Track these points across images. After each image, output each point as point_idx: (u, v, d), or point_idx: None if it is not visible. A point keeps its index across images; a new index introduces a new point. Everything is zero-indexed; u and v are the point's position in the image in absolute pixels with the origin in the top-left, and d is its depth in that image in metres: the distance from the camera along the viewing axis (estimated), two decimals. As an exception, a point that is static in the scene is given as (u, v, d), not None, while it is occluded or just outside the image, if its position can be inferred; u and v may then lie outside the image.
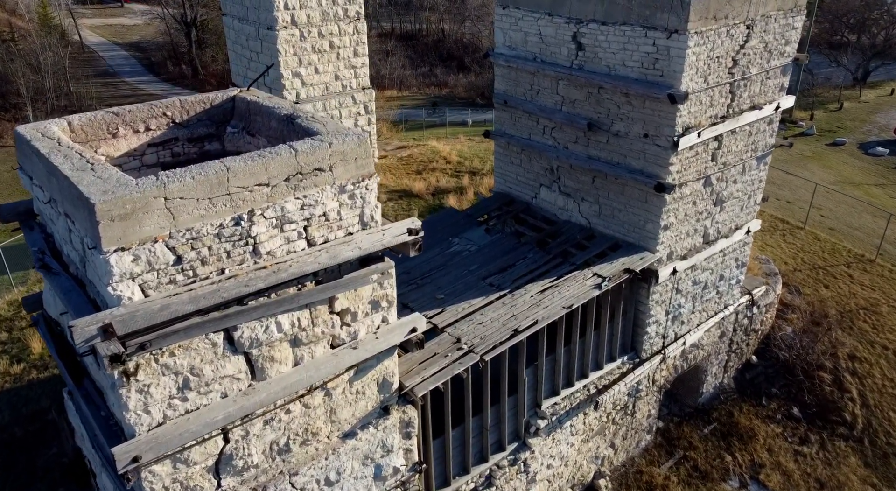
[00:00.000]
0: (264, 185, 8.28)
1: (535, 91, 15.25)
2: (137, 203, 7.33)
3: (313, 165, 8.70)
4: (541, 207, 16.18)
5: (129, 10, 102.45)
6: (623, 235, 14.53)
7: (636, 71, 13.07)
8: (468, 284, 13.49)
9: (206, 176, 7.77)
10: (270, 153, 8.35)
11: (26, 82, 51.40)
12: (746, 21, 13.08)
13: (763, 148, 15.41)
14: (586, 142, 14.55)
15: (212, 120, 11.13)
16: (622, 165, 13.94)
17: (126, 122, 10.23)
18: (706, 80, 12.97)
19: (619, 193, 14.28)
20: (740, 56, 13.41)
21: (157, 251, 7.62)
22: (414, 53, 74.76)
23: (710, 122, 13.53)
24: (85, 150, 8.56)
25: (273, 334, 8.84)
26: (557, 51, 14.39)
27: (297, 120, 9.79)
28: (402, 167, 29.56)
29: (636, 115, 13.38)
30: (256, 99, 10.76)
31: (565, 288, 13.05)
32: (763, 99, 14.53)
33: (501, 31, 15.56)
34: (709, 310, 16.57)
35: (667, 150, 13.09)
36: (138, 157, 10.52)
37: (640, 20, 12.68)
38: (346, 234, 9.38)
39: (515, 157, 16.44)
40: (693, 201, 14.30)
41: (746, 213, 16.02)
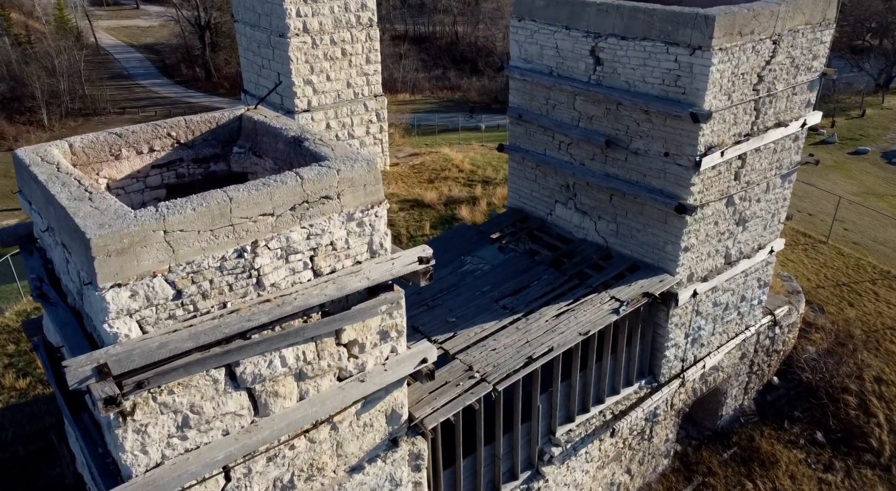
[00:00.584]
0: (269, 214, 7.92)
1: (551, 106, 14.81)
2: (135, 237, 6.98)
3: (320, 193, 8.32)
4: (556, 225, 15.73)
5: (145, 12, 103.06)
6: (641, 256, 14.04)
7: (657, 87, 12.59)
8: (481, 307, 13.07)
9: (208, 207, 7.41)
10: (275, 181, 7.98)
11: (41, 85, 51.65)
12: (773, 36, 12.56)
13: (788, 166, 14.87)
14: (604, 159, 14.08)
15: (218, 140, 10.79)
16: (641, 184, 13.46)
17: (129, 143, 9.91)
18: (730, 98, 12.47)
19: (638, 213, 13.81)
20: (766, 72, 12.90)
21: (155, 286, 7.28)
22: (427, 56, 74.45)
23: (733, 141, 13.02)
24: (84, 177, 8.23)
25: (277, 369, 8.48)
26: (574, 65, 13.94)
27: (305, 143, 9.42)
28: (414, 175, 29.19)
29: (656, 133, 12.90)
30: (264, 119, 10.41)
31: (581, 312, 12.60)
32: (789, 116, 13.99)
33: (517, 43, 15.12)
34: (729, 331, 16.03)
35: (688, 170, 12.60)
36: (142, 178, 10.21)
37: (662, 36, 12.20)
38: (354, 263, 9.00)
39: (530, 173, 16.00)
40: (715, 221, 13.80)
41: (770, 232, 15.48)
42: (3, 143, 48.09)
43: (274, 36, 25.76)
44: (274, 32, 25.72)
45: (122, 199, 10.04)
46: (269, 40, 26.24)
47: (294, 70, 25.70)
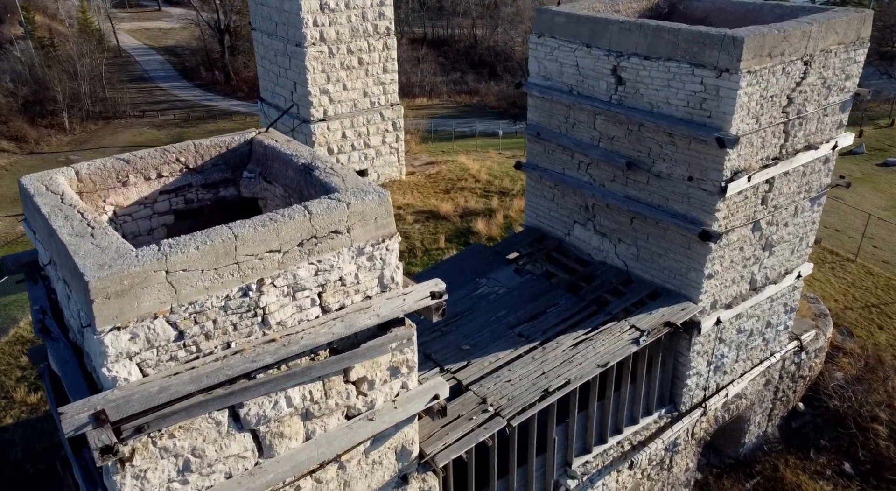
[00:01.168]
0: (275, 251, 7.62)
1: (571, 124, 14.39)
2: (136, 278, 6.71)
3: (329, 228, 8.01)
4: (574, 246, 15.30)
5: (166, 14, 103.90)
6: (663, 282, 13.57)
7: (681, 110, 12.13)
8: (496, 334, 12.69)
9: (212, 245, 7.13)
10: (282, 217, 7.68)
11: (63, 89, 52.04)
12: (804, 57, 12.04)
13: (818, 188, 14.31)
14: (625, 180, 13.64)
15: (228, 164, 10.53)
16: (663, 209, 13.00)
17: (137, 169, 9.68)
18: (758, 121, 11.97)
19: (660, 237, 13.34)
20: (796, 94, 12.38)
21: (156, 327, 7.00)
22: (445, 60, 74.11)
23: (760, 165, 12.52)
24: (88, 209, 7.99)
25: (282, 409, 8.17)
26: (595, 84, 13.51)
27: (315, 172, 9.12)
28: (430, 185, 28.87)
29: (680, 157, 12.43)
30: (274, 144, 10.13)
31: (600, 342, 12.17)
32: (819, 137, 13.44)
33: (536, 60, 14.72)
34: (754, 358, 15.49)
35: (713, 196, 12.12)
36: (150, 204, 9.98)
37: (687, 56, 11.74)
38: (364, 298, 8.68)
39: (548, 192, 15.59)
40: (740, 247, 13.29)
41: (797, 256, 14.92)
42: (25, 146, 48.56)
43: (290, 45, 25.58)
44: (290, 42, 25.54)
45: (129, 226, 9.83)
46: (285, 49, 26.07)
47: (310, 79, 25.50)
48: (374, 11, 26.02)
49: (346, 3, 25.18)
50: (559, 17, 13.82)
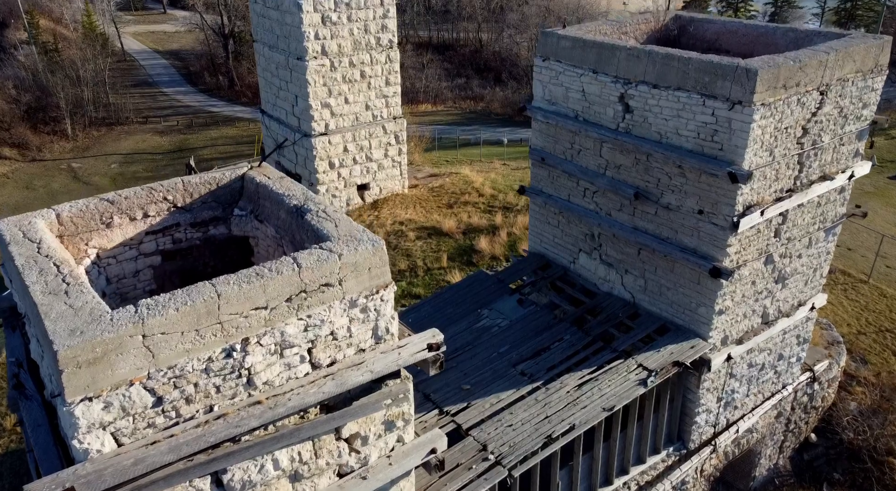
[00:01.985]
0: (262, 308, 7.17)
1: (576, 150, 13.91)
2: (110, 344, 6.28)
3: (320, 281, 7.56)
4: (579, 275, 14.82)
5: (172, 17, 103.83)
6: (671, 316, 13.08)
7: (691, 141, 11.64)
8: (497, 372, 12.23)
9: (194, 305, 6.69)
10: (269, 271, 7.24)
11: (66, 95, 51.81)
12: (820, 87, 11.53)
13: (833, 218, 13.79)
14: (632, 211, 13.15)
15: (218, 202, 10.10)
16: (672, 242, 12.51)
17: (122, 210, 9.25)
18: (772, 154, 11.47)
19: (668, 270, 12.85)
20: (811, 124, 11.87)
21: (132, 395, 6.56)
22: (450, 64, 73.69)
23: (774, 197, 12.02)
24: (65, 260, 7.57)
25: (269, 473, 7.73)
26: (602, 111, 13.03)
27: (307, 216, 8.67)
28: (433, 199, 28.41)
29: (690, 189, 11.94)
30: (267, 182, 9.69)
31: (606, 383, 11.69)
32: (835, 167, 12.93)
33: (541, 83, 14.25)
34: (765, 391, 14.98)
35: (724, 231, 11.63)
36: (135, 245, 9.55)
37: (698, 87, 11.25)
38: (357, 351, 8.22)
39: (553, 218, 15.11)
40: (752, 281, 12.79)
41: (811, 287, 14.40)
42: (27, 153, 48.35)
43: (292, 58, 25.17)
44: (292, 55, 25.13)
45: (113, 269, 9.41)
46: (287, 62, 25.67)
47: (312, 93, 25.09)
48: (377, 24, 25.59)
49: (348, 16, 24.77)
50: (565, 41, 13.35)
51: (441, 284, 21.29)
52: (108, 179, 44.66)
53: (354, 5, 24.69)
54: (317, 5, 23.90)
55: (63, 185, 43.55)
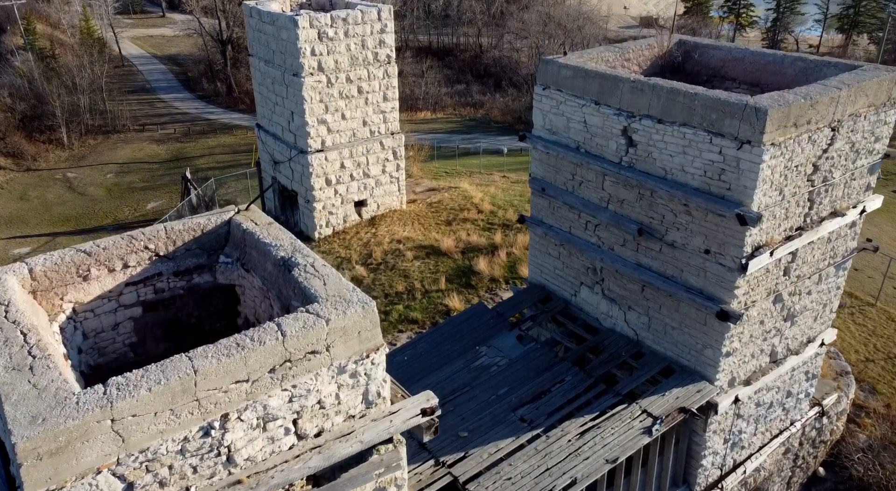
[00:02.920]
0: (243, 381, 6.71)
1: (578, 182, 13.45)
2: (75, 432, 5.82)
3: (306, 349, 7.09)
4: (581, 309, 14.35)
5: (171, 20, 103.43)
6: (676, 356, 12.62)
7: (697, 178, 11.18)
8: (496, 417, 11.76)
9: (168, 384, 6.23)
10: (252, 341, 6.77)
11: (62, 104, 51.35)
12: (832, 123, 11.07)
13: (843, 253, 13.34)
14: (635, 246, 12.69)
15: (203, 249, 9.63)
16: (678, 281, 12.04)
17: (100, 261, 8.79)
18: (781, 193, 11.01)
19: (673, 309, 12.39)
20: (822, 161, 11.42)
21: (100, 483, 6.10)
22: (450, 70, 73.28)
23: (784, 236, 11.56)
24: (35, 327, 7.10)
25: (252, 553, 7.26)
26: (604, 143, 12.57)
27: (294, 271, 8.20)
28: (432, 215, 27.95)
29: (696, 227, 11.48)
30: (253, 229, 9.22)
31: (609, 430, 11.22)
32: (846, 203, 12.47)
33: (541, 112, 13.79)
34: (773, 429, 14.51)
35: (733, 272, 11.17)
36: (114, 297, 9.08)
37: (705, 123, 10.79)
38: (346, 418, 7.76)
39: (553, 250, 14.65)
40: (760, 321, 12.33)
41: (820, 323, 13.94)
42: (22, 163, 47.90)
43: (288, 74, 24.72)
44: (288, 71, 24.68)
45: (91, 323, 8.94)
46: (283, 78, 25.22)
47: (308, 110, 24.64)
48: (375, 39, 25.13)
49: (345, 32, 24.31)
50: (566, 70, 12.89)
51: (439, 308, 20.83)
52: (103, 190, 44.21)
53: (351, 21, 24.24)
54: (313, 21, 23.45)
55: (58, 195, 43.10)
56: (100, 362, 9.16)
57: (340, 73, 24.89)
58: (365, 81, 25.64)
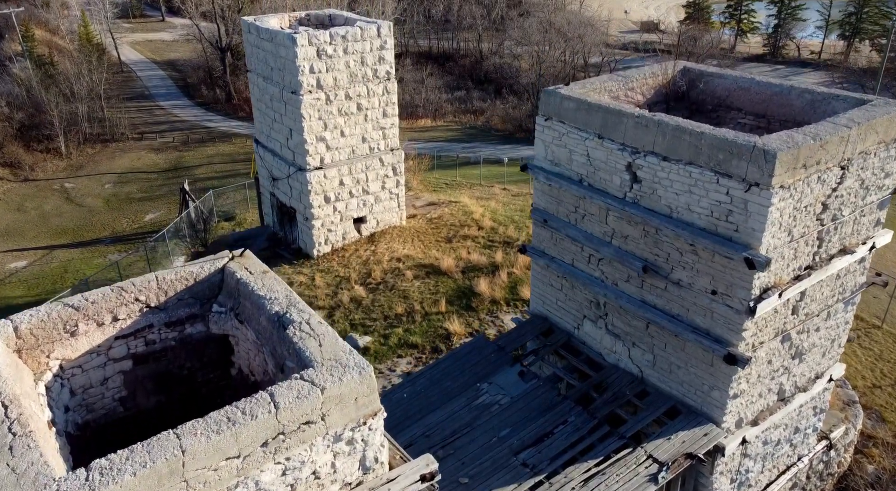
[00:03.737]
0: (234, 457, 6.42)
1: (581, 215, 13.17)
2: (54, 525, 5.54)
3: (300, 420, 6.81)
4: (584, 342, 14.07)
5: (170, 24, 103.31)
6: (682, 396, 12.33)
7: (704, 218, 10.90)
8: (497, 462, 11.47)
9: (154, 467, 5.95)
10: (243, 415, 6.49)
11: (59, 113, 51.09)
12: (842, 162, 10.79)
13: (852, 288, 13.05)
14: (640, 283, 12.41)
15: (195, 298, 9.35)
16: (683, 320, 11.76)
17: (88, 315, 8.51)
18: (790, 234, 10.73)
19: (679, 348, 12.10)
20: (831, 199, 11.13)
21: (80, 574, 5.82)
22: (450, 76, 73.04)
23: (792, 276, 11.27)
24: (15, 400, 6.81)
25: None
26: (608, 178, 12.29)
27: (289, 329, 7.92)
28: (432, 232, 27.67)
29: (702, 268, 11.20)
30: (247, 279, 8.94)
31: (613, 477, 10.93)
32: (855, 239, 12.19)
33: (543, 143, 13.51)
34: (780, 465, 14.22)
35: (740, 315, 10.88)
36: (103, 351, 8.81)
37: (711, 163, 10.51)
38: (342, 486, 7.48)
39: (556, 282, 14.37)
40: (768, 361, 12.04)
41: (829, 358, 13.66)
42: (20, 173, 47.66)
43: (286, 92, 24.45)
44: (286, 88, 24.41)
45: (79, 379, 8.66)
46: (281, 95, 24.95)
47: (306, 127, 24.36)
48: (374, 56, 24.85)
49: (344, 49, 24.03)
50: (568, 102, 12.61)
51: (439, 332, 20.55)
52: (101, 201, 43.96)
53: (350, 38, 23.97)
54: (311, 39, 23.17)
55: (55, 207, 42.84)
56: (88, 419, 8.89)
57: (339, 91, 24.61)
58: (364, 98, 25.36)
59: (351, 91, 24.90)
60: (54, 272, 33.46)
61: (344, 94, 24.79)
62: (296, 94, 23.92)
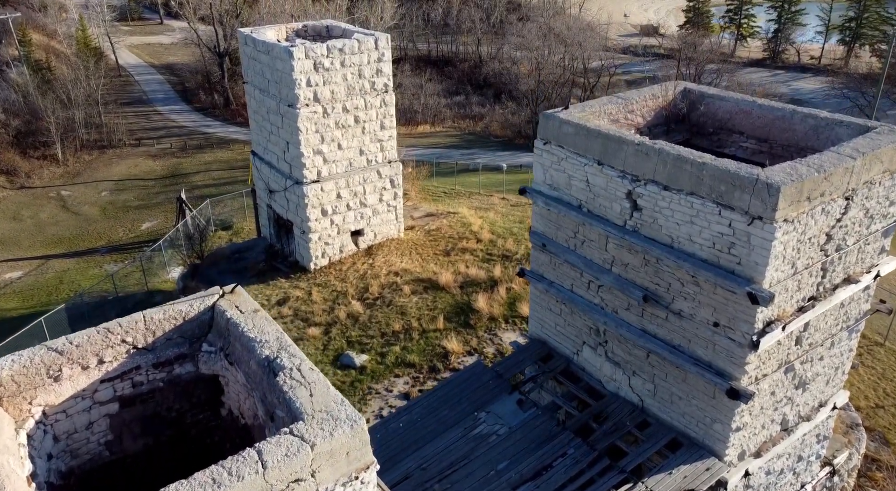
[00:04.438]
0: (218, 521, 6.17)
1: (580, 241, 12.94)
2: None
3: (289, 479, 6.57)
4: (583, 369, 13.84)
5: (168, 28, 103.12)
6: (683, 427, 12.10)
7: (706, 250, 10.67)
8: (495, 497, 11.24)
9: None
10: (229, 476, 6.25)
11: (56, 118, 50.81)
12: (846, 193, 10.56)
13: (857, 316, 12.82)
14: (640, 312, 12.18)
15: (184, 337, 9.10)
16: (685, 352, 11.53)
17: (72, 359, 8.26)
18: (794, 266, 10.50)
19: (680, 379, 11.87)
20: (835, 230, 10.90)
21: None
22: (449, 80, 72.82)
23: (796, 307, 11.04)
24: (-4, 455, 6.57)
25: None
26: (608, 205, 12.06)
27: (279, 376, 7.67)
28: (430, 245, 27.44)
29: (704, 299, 10.97)
30: (238, 320, 8.69)
31: (613, 515, 10.70)
32: (860, 268, 11.96)
33: (541, 167, 13.28)
34: (782, 494, 14.00)
35: (743, 348, 10.65)
36: (88, 395, 8.57)
37: (713, 195, 10.28)
38: (334, 540, 7.24)
39: (555, 306, 14.14)
40: (772, 392, 11.81)
41: (832, 386, 13.43)
42: (16, 181, 47.39)
43: (283, 105, 24.22)
44: (283, 101, 24.17)
45: (63, 425, 8.42)
46: (278, 108, 24.71)
47: (303, 141, 24.13)
48: (372, 68, 24.62)
49: (341, 62, 23.80)
50: (567, 126, 12.38)
51: (437, 351, 20.31)
52: (97, 209, 43.70)
53: (348, 50, 23.74)
54: (308, 52, 22.95)
55: (51, 215, 42.59)
56: (73, 466, 8.65)
57: (337, 103, 24.38)
58: (362, 111, 25.14)
59: (348, 104, 24.67)
60: (49, 283, 33.22)
61: (341, 106, 24.56)
62: (292, 108, 23.69)
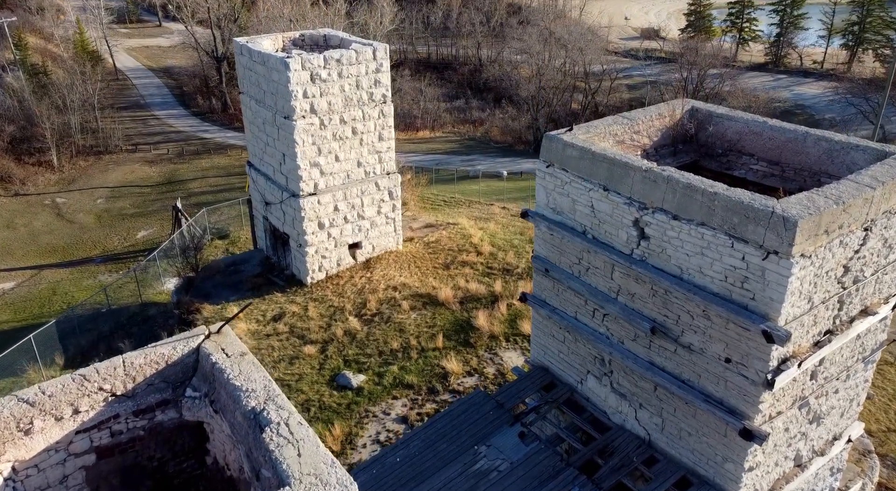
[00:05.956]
0: None
1: (585, 268, 12.42)
2: None
3: (272, 552, 6.06)
4: (588, 399, 13.32)
5: (166, 30, 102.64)
6: (693, 464, 11.58)
7: (717, 283, 10.15)
8: (496, 541, 10.72)
9: None
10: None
11: (52, 124, 50.32)
12: (865, 224, 10.05)
13: (873, 346, 12.31)
14: (648, 343, 11.66)
15: (167, 382, 8.57)
16: (695, 387, 11.01)
17: (45, 410, 7.73)
18: (810, 301, 9.98)
19: (690, 415, 11.36)
20: (853, 261, 10.39)
21: None
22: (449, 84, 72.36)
23: (812, 342, 10.52)
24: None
25: None
26: (614, 232, 11.54)
27: (266, 432, 7.14)
28: (429, 258, 26.93)
29: (715, 334, 10.45)
30: (223, 365, 8.15)
31: (620, 562, 10.18)
32: (877, 299, 11.44)
33: (544, 190, 12.77)
34: (794, 529, 13.47)
35: (757, 387, 10.13)
36: (63, 447, 8.04)
37: (725, 226, 9.76)
38: None
39: (558, 333, 13.62)
40: (786, 428, 11.30)
41: (847, 418, 12.91)
42: (10, 187, 46.91)
43: (279, 116, 23.72)
44: (279, 113, 23.67)
45: (34, 480, 7.89)
46: (274, 119, 24.21)
47: (300, 153, 23.63)
48: (370, 79, 24.12)
49: (339, 73, 23.29)
50: (571, 149, 11.87)
51: (436, 371, 19.79)
52: (92, 216, 43.19)
53: (346, 61, 23.23)
54: (305, 63, 22.44)
55: (46, 223, 42.08)
56: (47, 523, 8.15)
57: (334, 115, 23.89)
58: (360, 122, 24.64)
59: (346, 115, 24.18)
60: (42, 295, 32.70)
61: (339, 118, 24.06)
62: (289, 120, 23.19)
